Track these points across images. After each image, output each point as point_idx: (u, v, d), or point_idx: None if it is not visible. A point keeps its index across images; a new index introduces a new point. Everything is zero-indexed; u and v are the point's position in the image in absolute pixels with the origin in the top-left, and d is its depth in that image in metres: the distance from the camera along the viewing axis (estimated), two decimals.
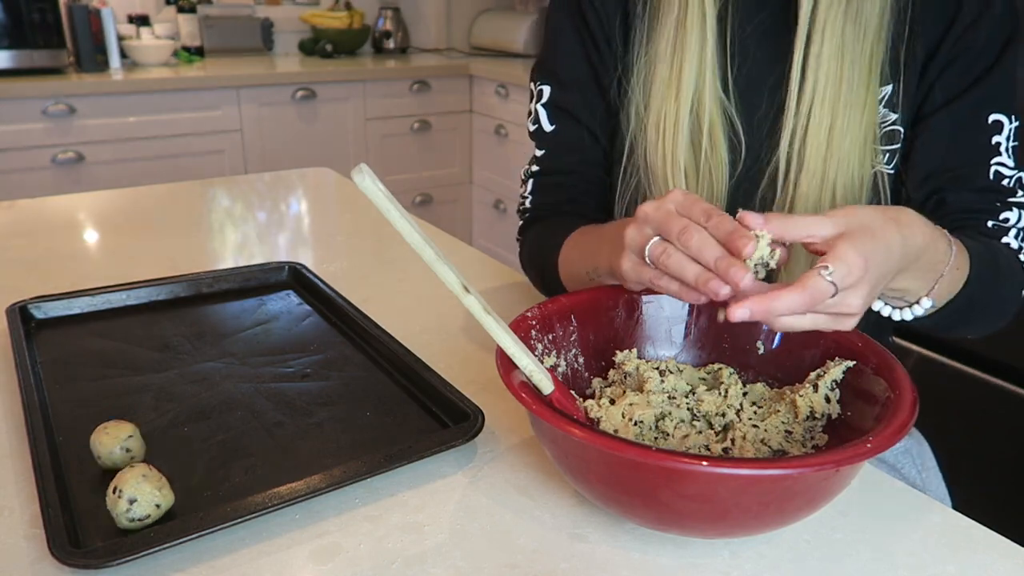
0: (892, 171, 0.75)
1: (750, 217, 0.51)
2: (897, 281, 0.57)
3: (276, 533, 0.52)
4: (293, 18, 3.15)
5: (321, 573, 0.49)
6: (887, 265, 0.52)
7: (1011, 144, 0.75)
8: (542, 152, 0.87)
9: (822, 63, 0.70)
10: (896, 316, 0.63)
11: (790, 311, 0.48)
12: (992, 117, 0.74)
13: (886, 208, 0.54)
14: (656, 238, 0.55)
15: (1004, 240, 0.74)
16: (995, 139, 0.74)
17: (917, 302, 0.62)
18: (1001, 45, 0.73)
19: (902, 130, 0.74)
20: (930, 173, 0.74)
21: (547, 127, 0.86)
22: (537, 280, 0.87)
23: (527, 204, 0.89)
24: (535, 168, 0.88)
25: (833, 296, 0.48)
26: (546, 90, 0.85)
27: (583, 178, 0.86)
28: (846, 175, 0.71)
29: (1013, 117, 0.75)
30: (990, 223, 0.74)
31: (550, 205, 0.87)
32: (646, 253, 0.55)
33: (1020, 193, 0.75)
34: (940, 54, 0.73)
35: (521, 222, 0.91)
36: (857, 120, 0.70)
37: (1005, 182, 0.75)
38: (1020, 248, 0.75)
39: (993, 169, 0.74)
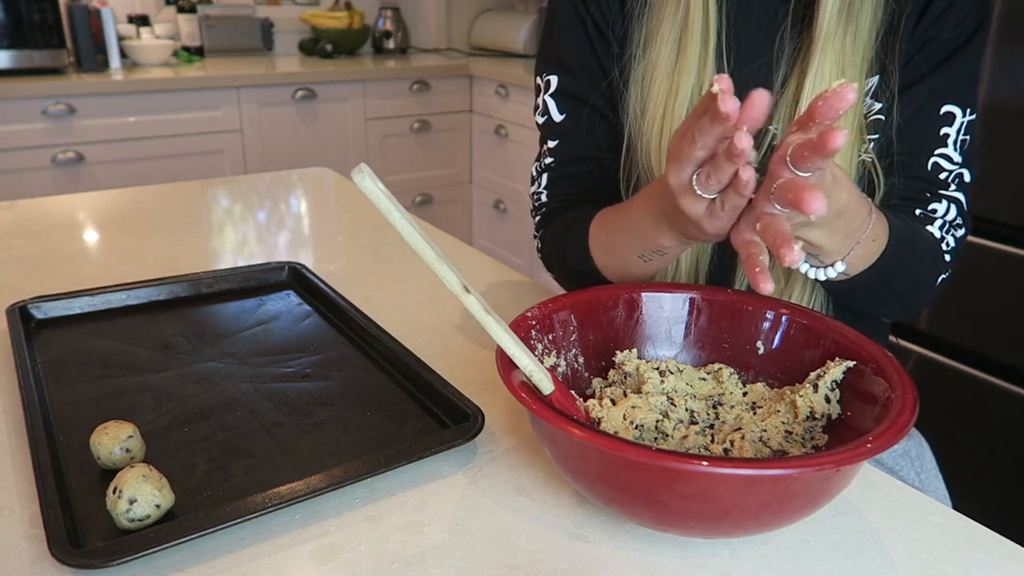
0: (872, 159, 0.75)
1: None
2: (814, 236, 0.57)
3: (276, 533, 0.52)
4: (293, 18, 3.15)
5: (321, 573, 0.49)
6: (836, 203, 0.53)
7: (960, 137, 0.74)
8: (555, 143, 0.84)
9: (819, 75, 0.70)
10: (812, 274, 0.63)
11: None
12: (945, 108, 0.73)
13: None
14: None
15: (929, 229, 0.75)
16: (944, 130, 0.74)
17: (832, 264, 0.61)
18: (967, 36, 0.72)
19: (885, 119, 0.74)
20: (878, 154, 0.74)
21: (557, 116, 0.83)
22: (562, 275, 0.83)
23: (543, 199, 0.85)
24: (548, 160, 0.85)
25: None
26: (553, 80, 0.83)
27: (599, 164, 0.82)
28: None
29: (968, 110, 0.74)
30: (918, 211, 0.75)
31: (568, 197, 0.83)
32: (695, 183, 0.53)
33: (954, 187, 0.75)
34: (912, 41, 0.72)
35: (537, 218, 0.86)
36: (847, 114, 0.70)
37: (943, 175, 0.74)
38: (942, 238, 0.75)
39: (933, 160, 0.74)
